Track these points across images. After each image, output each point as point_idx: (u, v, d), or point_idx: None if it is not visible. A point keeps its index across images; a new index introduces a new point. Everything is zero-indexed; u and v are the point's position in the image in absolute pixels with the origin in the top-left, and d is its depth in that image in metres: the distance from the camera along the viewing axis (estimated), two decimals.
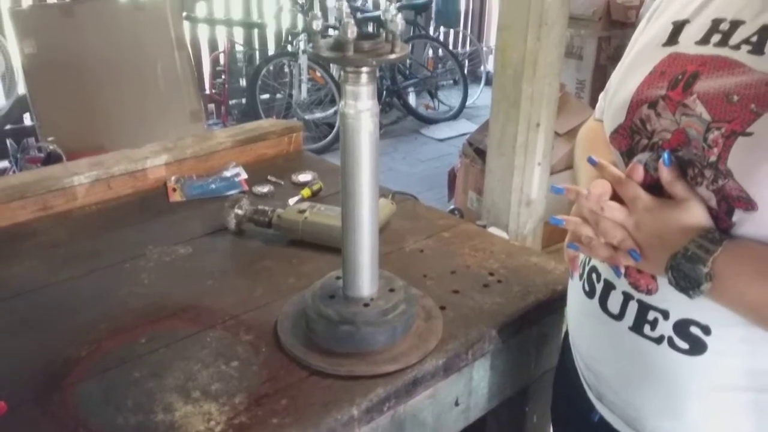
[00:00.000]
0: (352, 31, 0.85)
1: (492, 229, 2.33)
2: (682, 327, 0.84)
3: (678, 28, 0.88)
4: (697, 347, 0.83)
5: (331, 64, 4.70)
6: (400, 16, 0.89)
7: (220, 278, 1.31)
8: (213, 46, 5.40)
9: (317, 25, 0.88)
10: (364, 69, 0.91)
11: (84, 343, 1.11)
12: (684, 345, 0.84)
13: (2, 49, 3.09)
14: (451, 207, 3.61)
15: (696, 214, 0.80)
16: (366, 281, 1.07)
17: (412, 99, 6.04)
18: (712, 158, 0.77)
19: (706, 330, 0.82)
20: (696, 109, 0.79)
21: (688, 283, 0.77)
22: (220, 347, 1.09)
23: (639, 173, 0.84)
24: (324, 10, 5.71)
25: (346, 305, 1.07)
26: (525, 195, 2.55)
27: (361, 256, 1.06)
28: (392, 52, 0.91)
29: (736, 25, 0.81)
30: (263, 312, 1.19)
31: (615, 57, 3.95)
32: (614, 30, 4.00)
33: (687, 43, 0.86)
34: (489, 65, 6.79)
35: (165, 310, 1.20)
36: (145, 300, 1.23)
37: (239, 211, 1.45)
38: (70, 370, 1.05)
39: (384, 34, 0.92)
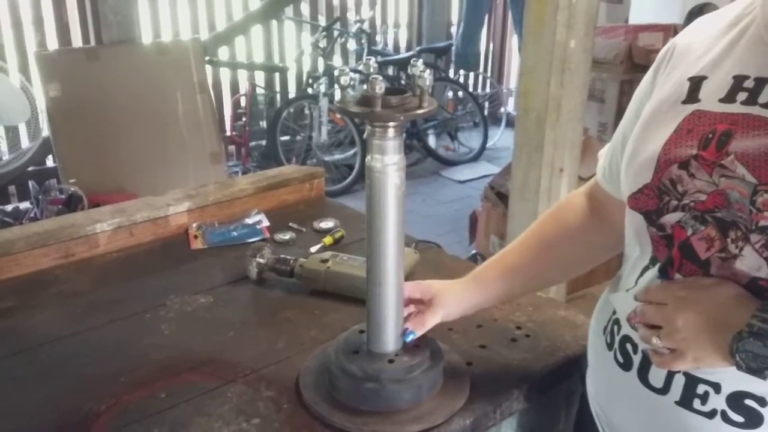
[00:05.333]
0: (380, 87, 0.85)
1: None
2: (736, 400, 0.80)
3: (696, 84, 0.86)
4: (753, 420, 0.79)
5: None
6: (428, 71, 0.88)
7: (241, 329, 1.29)
8: (234, 88, 5.45)
9: (345, 80, 0.88)
10: (391, 124, 0.90)
11: (104, 397, 1.09)
12: (739, 418, 0.80)
13: (28, 94, 3.13)
14: (473, 252, 3.58)
15: (737, 287, 0.77)
16: (391, 336, 1.05)
17: (432, 141, 6.05)
18: (764, 222, 0.74)
19: (762, 402, 0.79)
20: (736, 170, 0.77)
21: (760, 363, 0.73)
22: (240, 403, 1.07)
23: None
24: (346, 54, 5.77)
25: (371, 361, 1.04)
26: None
27: (386, 311, 1.03)
28: (420, 107, 0.89)
29: (762, 82, 0.79)
30: (285, 366, 1.17)
31: None
32: (636, 73, 3.98)
33: (709, 101, 0.83)
34: (509, 107, 6.80)
35: (185, 363, 1.18)
36: (166, 352, 1.22)
37: (261, 260, 1.44)
38: (90, 424, 1.04)
39: (411, 89, 0.91)
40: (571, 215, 1.12)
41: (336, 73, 0.90)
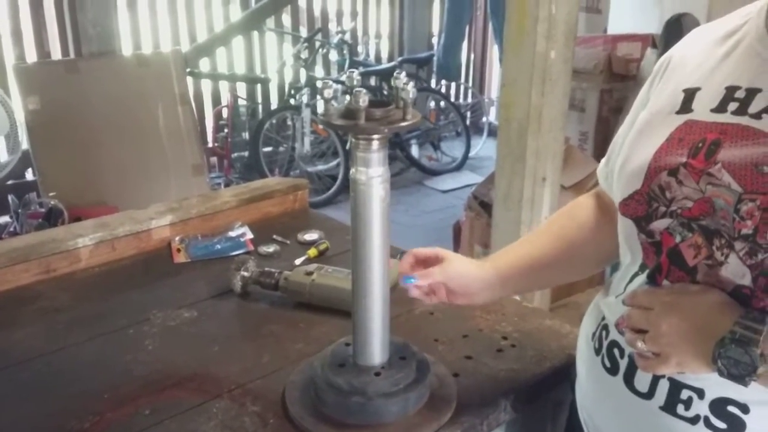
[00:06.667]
0: (364, 100, 0.85)
1: None
2: (719, 406, 0.81)
3: (690, 95, 0.88)
4: (735, 427, 0.80)
5: None
6: (412, 83, 0.88)
7: (226, 344, 1.28)
8: (216, 100, 5.43)
9: (329, 93, 0.87)
10: (376, 137, 0.90)
11: (87, 414, 1.07)
12: (722, 425, 0.81)
13: (6, 107, 3.10)
14: None
15: (722, 294, 0.78)
16: (377, 349, 1.05)
17: (414, 150, 6.06)
18: (746, 231, 0.75)
19: (745, 409, 0.79)
20: (723, 178, 0.78)
21: (741, 370, 0.73)
22: (226, 419, 1.06)
23: None
24: (327, 65, 5.77)
25: (357, 375, 1.04)
26: None
27: (372, 324, 1.03)
28: (404, 119, 0.90)
29: (752, 93, 0.81)
30: (270, 380, 1.16)
31: (617, 109, 3.97)
32: (615, 83, 4.02)
33: (702, 111, 0.85)
34: (491, 116, 6.83)
35: (169, 379, 1.17)
36: (149, 368, 1.20)
37: (245, 273, 1.43)
38: None
39: (395, 101, 0.91)
40: (585, 213, 1.12)
41: (320, 85, 0.90)
